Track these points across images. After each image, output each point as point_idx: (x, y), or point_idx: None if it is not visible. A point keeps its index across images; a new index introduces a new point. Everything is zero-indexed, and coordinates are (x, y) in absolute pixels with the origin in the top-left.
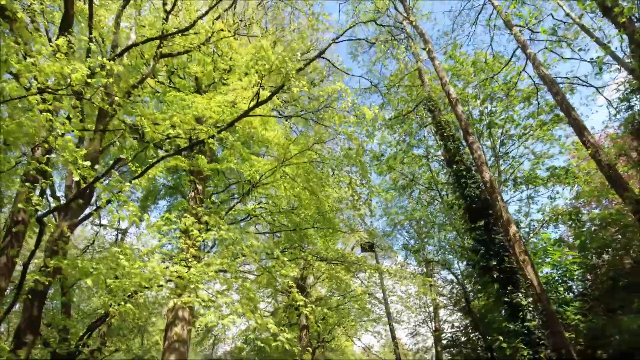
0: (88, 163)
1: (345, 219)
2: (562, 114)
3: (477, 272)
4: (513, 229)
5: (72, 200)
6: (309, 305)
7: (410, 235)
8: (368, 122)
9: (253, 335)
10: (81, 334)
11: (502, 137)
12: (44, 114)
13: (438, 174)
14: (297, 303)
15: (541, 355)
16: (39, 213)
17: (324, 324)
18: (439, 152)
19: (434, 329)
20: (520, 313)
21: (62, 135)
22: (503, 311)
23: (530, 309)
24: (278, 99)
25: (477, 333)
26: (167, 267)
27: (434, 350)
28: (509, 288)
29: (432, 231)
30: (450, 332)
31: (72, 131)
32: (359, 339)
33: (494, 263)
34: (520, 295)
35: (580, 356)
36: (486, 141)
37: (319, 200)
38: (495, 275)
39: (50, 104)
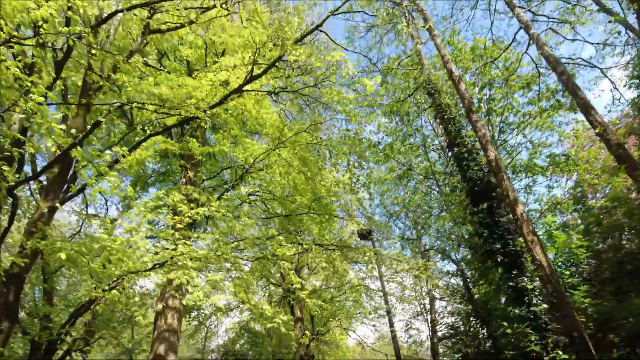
0: (63, 126)
1: (343, 204)
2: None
3: (480, 257)
4: (520, 208)
5: (46, 169)
6: (305, 288)
7: (406, 226)
8: (368, 97)
9: (247, 318)
10: (64, 322)
11: (500, 125)
12: (12, 69)
13: (435, 165)
14: (294, 286)
15: (548, 340)
16: (9, 185)
17: (319, 316)
18: (436, 142)
19: (429, 320)
20: (526, 298)
21: (40, 104)
22: (506, 297)
23: (537, 293)
24: (273, 78)
25: (478, 320)
26: (154, 245)
27: (428, 343)
28: (513, 272)
29: (430, 220)
30: (450, 321)
31: (46, 94)
32: (354, 332)
33: (498, 246)
34: (525, 279)
35: (591, 340)
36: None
37: (315, 185)
38: (499, 260)
39: (20, 60)
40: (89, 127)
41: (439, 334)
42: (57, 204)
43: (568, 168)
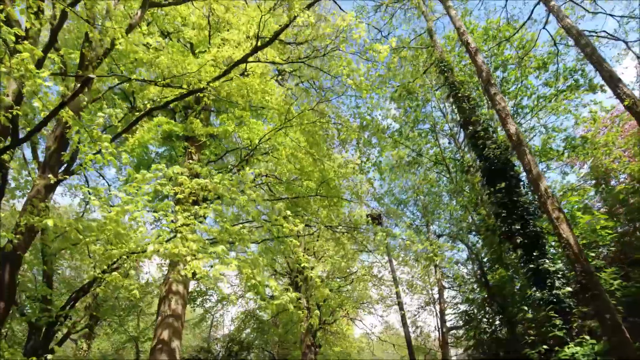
0: (50, 83)
1: (352, 186)
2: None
3: (497, 240)
4: (544, 183)
5: (33, 133)
6: (315, 269)
7: (415, 216)
8: (380, 67)
9: (254, 307)
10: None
11: (513, 109)
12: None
13: (444, 152)
14: (303, 265)
15: (573, 325)
16: None
17: (326, 306)
18: (446, 128)
19: (438, 310)
20: (548, 280)
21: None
22: (525, 281)
23: (559, 275)
24: (279, 55)
25: (494, 306)
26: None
27: (436, 334)
28: (534, 254)
29: (441, 205)
30: (463, 308)
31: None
32: (361, 321)
33: (517, 227)
34: (547, 261)
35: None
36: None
37: (323, 166)
38: (518, 241)
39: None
40: (89, 105)
41: (448, 324)
42: (52, 179)
43: (585, 151)
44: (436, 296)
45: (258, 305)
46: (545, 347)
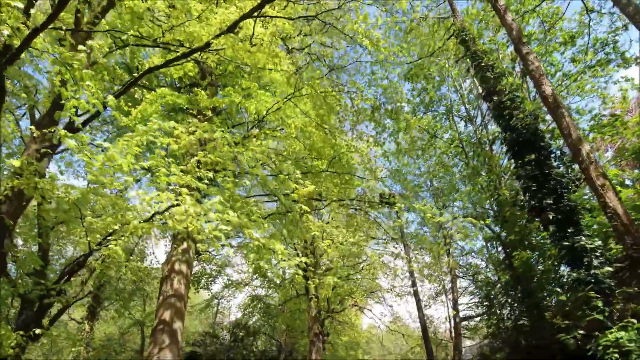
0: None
1: (365, 161)
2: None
3: (524, 217)
4: (586, 148)
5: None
6: (327, 239)
7: (429, 204)
8: (402, 18)
9: (259, 263)
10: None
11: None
12: None
13: (461, 133)
14: (313, 233)
15: (615, 307)
16: None
17: (334, 294)
18: (462, 110)
19: (451, 300)
20: (586, 259)
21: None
22: (558, 260)
23: (598, 254)
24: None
25: (519, 290)
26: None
27: (447, 325)
28: (569, 230)
29: (455, 192)
30: (479, 296)
31: None
32: (370, 310)
33: (549, 202)
34: (583, 238)
35: None
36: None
37: (334, 140)
38: (550, 217)
39: None
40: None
41: (461, 314)
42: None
43: (614, 132)
44: (448, 286)
45: (266, 292)
46: (581, 332)
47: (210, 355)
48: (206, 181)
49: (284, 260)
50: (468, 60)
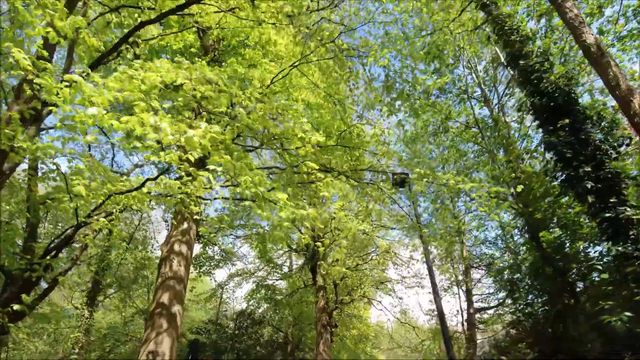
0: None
1: (378, 133)
2: None
3: (556, 190)
4: (638, 100)
5: None
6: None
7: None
8: None
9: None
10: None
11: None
12: None
13: (476, 117)
14: (322, 192)
15: None
16: None
17: (343, 284)
18: (478, 92)
19: (465, 291)
20: (632, 232)
21: None
22: (597, 235)
23: None
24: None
25: (547, 270)
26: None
27: (459, 317)
28: (611, 200)
29: (475, 166)
30: (509, 275)
31: None
32: (380, 302)
33: (587, 170)
34: (628, 209)
35: None
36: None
37: (344, 112)
38: (589, 186)
39: None
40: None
41: (476, 304)
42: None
43: None
44: (460, 277)
45: (273, 282)
46: (627, 314)
47: (213, 344)
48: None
49: (291, 213)
50: (488, 28)
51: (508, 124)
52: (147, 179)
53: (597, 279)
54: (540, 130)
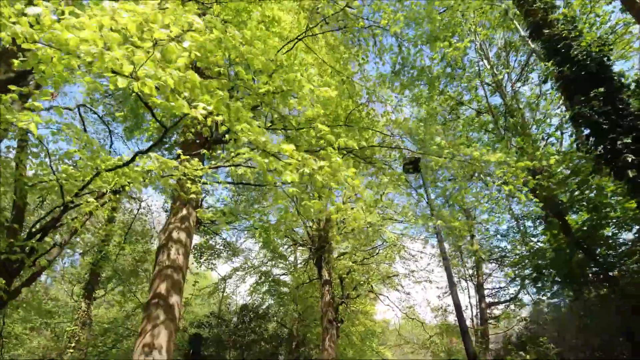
0: None
1: (390, 111)
2: None
3: (590, 166)
4: None
5: None
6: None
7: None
8: None
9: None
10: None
11: None
12: None
13: (489, 103)
14: (333, 159)
15: None
16: None
17: (349, 278)
18: (489, 79)
19: (476, 285)
20: None
21: None
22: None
23: None
24: None
25: (580, 254)
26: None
27: (469, 312)
28: None
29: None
30: (533, 262)
31: None
32: (387, 297)
33: (627, 141)
34: None
35: None
36: None
37: (353, 89)
38: (629, 160)
39: None
40: None
41: (488, 299)
42: None
43: None
44: (469, 272)
45: (277, 274)
46: None
47: (215, 337)
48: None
49: (299, 173)
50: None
51: (522, 110)
52: (138, 152)
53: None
54: (562, 109)
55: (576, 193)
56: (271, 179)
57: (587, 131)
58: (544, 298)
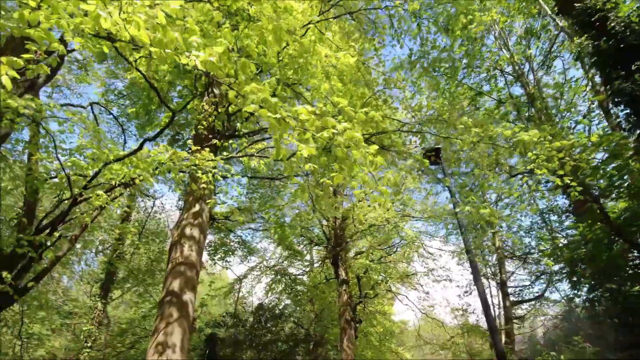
0: None
1: (408, 96)
2: None
3: (627, 151)
4: None
5: None
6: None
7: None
8: None
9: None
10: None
11: None
12: None
13: (509, 94)
14: (355, 133)
15: None
16: None
17: (366, 277)
18: (508, 69)
19: (499, 283)
20: None
21: None
22: None
23: None
24: None
25: (619, 242)
26: None
27: (494, 313)
28: None
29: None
30: (569, 253)
31: None
32: (407, 296)
33: None
34: None
35: None
36: None
37: (368, 75)
38: None
39: None
40: None
41: (512, 297)
42: None
43: None
44: (490, 270)
45: (292, 273)
46: None
47: (231, 338)
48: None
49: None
50: None
51: (545, 99)
52: (146, 139)
53: None
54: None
55: (614, 178)
56: (284, 153)
57: (626, 110)
58: (580, 293)
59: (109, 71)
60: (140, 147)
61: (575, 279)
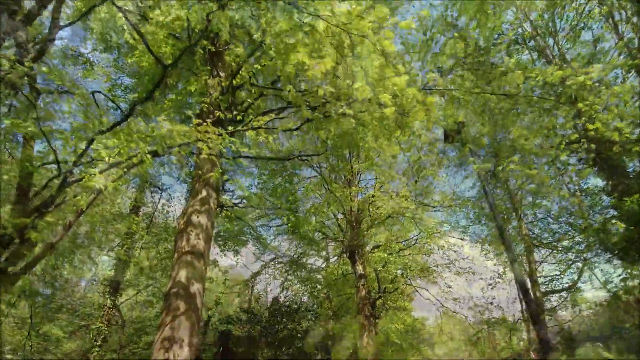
0: None
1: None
2: None
3: None
4: None
5: None
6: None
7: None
8: None
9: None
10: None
11: None
12: None
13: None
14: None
15: None
16: None
17: (385, 271)
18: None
19: (528, 271)
20: None
21: None
22: None
23: None
24: None
25: None
26: None
27: (518, 306)
28: None
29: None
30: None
31: None
32: (427, 290)
33: None
34: None
35: None
36: None
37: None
38: None
39: None
40: None
41: (543, 287)
42: None
43: None
44: (515, 260)
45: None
46: None
47: (246, 334)
48: None
49: None
50: None
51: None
52: (135, 103)
53: None
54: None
55: None
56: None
57: None
58: (635, 273)
59: (115, 65)
60: (131, 112)
61: (630, 258)
